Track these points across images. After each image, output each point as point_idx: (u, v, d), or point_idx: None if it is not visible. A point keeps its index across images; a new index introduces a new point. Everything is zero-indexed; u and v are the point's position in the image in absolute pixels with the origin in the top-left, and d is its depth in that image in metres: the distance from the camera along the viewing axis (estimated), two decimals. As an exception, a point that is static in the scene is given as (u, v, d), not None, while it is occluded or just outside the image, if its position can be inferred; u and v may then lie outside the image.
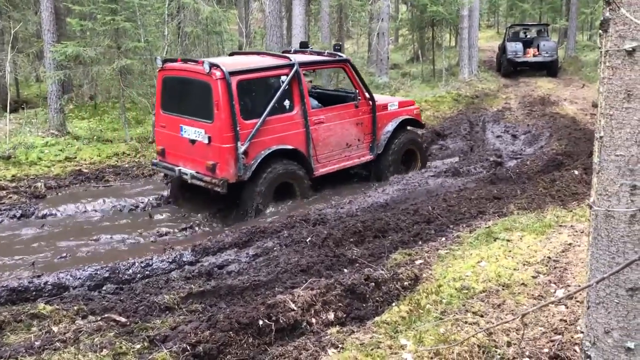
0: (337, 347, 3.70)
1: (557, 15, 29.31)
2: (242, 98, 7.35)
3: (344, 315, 4.25)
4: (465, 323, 3.90)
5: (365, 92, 8.80)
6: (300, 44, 9.68)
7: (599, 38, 2.25)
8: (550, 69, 20.29)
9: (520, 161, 9.74)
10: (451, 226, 6.31)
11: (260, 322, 3.91)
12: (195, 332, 3.86)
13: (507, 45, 20.40)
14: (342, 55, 8.87)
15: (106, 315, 4.42)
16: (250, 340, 3.82)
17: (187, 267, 5.76)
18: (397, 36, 29.61)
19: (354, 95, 8.76)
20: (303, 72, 8.11)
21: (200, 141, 7.50)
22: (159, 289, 5.10)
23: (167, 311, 4.60)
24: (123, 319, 4.36)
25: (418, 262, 5.12)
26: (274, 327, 3.92)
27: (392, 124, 9.14)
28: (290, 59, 8.02)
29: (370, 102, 8.85)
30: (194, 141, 7.59)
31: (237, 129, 7.25)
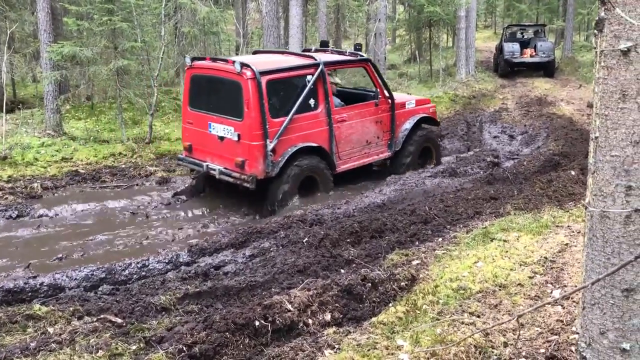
0: (333, 348, 3.70)
1: (554, 16, 29.33)
2: (271, 97, 7.59)
3: (341, 316, 4.25)
4: (462, 323, 3.90)
5: (385, 91, 9.05)
6: (320, 43, 9.97)
7: (594, 38, 2.25)
8: (547, 69, 20.31)
9: (517, 161, 9.75)
10: (448, 226, 6.31)
11: (257, 323, 3.90)
12: (191, 332, 3.85)
13: (504, 45, 20.41)
14: (364, 55, 9.20)
15: (102, 316, 4.41)
16: (246, 341, 3.81)
17: (183, 267, 5.75)
18: (394, 36, 29.65)
19: (374, 94, 9.03)
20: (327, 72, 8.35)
21: (229, 138, 7.72)
22: (155, 290, 5.09)
23: (164, 312, 4.59)
24: (119, 320, 4.35)
25: (415, 263, 5.12)
26: (270, 328, 3.91)
27: (409, 121, 9.43)
28: (315, 59, 8.24)
29: (390, 100, 9.09)
30: (222, 138, 7.82)
31: (266, 127, 7.49)
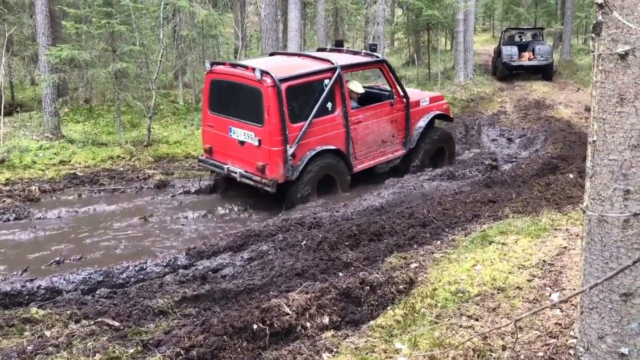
0: (331, 352, 3.69)
1: (552, 19, 29.38)
2: (290, 103, 7.75)
3: (339, 319, 4.24)
4: (460, 327, 3.89)
5: (400, 91, 9.18)
6: (335, 43, 10.10)
7: (592, 41, 2.25)
8: (545, 72, 20.33)
9: (515, 165, 9.75)
10: (446, 229, 6.31)
11: (255, 326, 3.89)
12: (189, 336, 3.84)
13: (502, 48, 20.43)
14: (379, 56, 9.34)
15: (99, 319, 4.39)
16: (244, 344, 3.80)
17: (181, 270, 5.74)
18: (392, 40, 29.65)
19: (390, 94, 9.16)
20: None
21: (249, 143, 7.92)
22: (153, 293, 5.07)
23: (161, 315, 4.58)
24: (116, 323, 4.34)
25: (413, 266, 5.11)
26: (268, 331, 3.90)
27: (424, 119, 9.57)
28: (332, 63, 8.33)
29: (405, 99, 9.22)
30: (243, 142, 8.03)
31: (286, 132, 7.68)
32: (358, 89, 9.08)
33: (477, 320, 4.01)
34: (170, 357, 3.61)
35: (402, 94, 9.19)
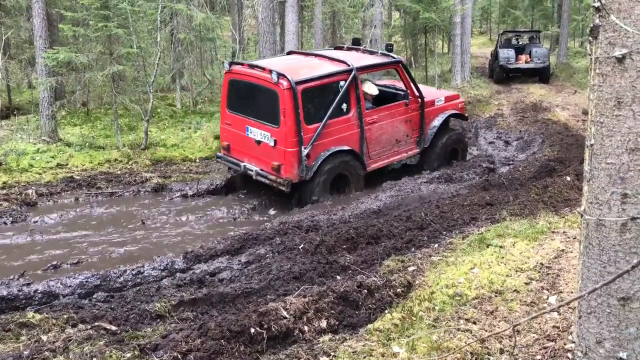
0: (329, 355, 3.68)
1: (549, 22, 29.42)
2: (305, 105, 7.90)
3: (337, 323, 4.23)
4: (458, 330, 3.89)
5: (415, 91, 9.28)
6: (352, 41, 10.23)
7: (589, 45, 2.25)
8: (542, 75, 20.35)
9: (512, 167, 9.75)
10: (444, 232, 6.30)
11: (252, 330, 3.88)
12: (186, 340, 3.82)
13: (499, 51, 20.45)
14: (395, 57, 9.42)
15: (96, 323, 4.38)
16: (241, 348, 3.78)
17: (178, 274, 5.73)
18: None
19: (405, 94, 9.25)
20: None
21: (265, 143, 8.12)
22: (150, 297, 5.06)
23: (158, 319, 4.56)
24: (113, 328, 4.33)
25: (411, 269, 5.10)
26: (265, 335, 3.89)
27: (438, 119, 9.69)
28: (348, 64, 8.43)
29: (420, 99, 9.33)
30: (259, 142, 8.23)
31: (301, 133, 7.85)
32: (372, 90, 9.18)
33: (474, 323, 4.00)
34: (168, 361, 3.60)
35: (417, 94, 9.29)
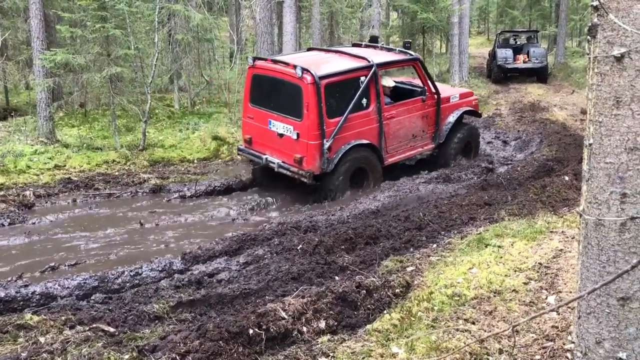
0: (328, 356, 3.67)
1: (547, 22, 29.45)
2: (328, 99, 8.15)
3: (335, 324, 4.22)
4: (457, 330, 3.88)
5: (432, 87, 9.55)
6: (370, 38, 10.54)
7: (587, 44, 2.24)
8: (540, 75, 20.37)
9: (511, 167, 9.76)
10: (442, 232, 6.30)
11: (251, 331, 3.87)
12: (184, 341, 3.81)
13: (497, 51, 20.46)
14: (413, 54, 9.62)
15: (94, 325, 4.37)
16: (240, 349, 3.77)
17: (176, 275, 5.71)
18: (388, 43, 29.66)
19: (422, 90, 9.50)
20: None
21: (288, 136, 8.37)
22: (149, 298, 5.05)
23: (157, 320, 4.55)
24: (112, 329, 4.32)
25: (409, 269, 5.10)
26: (264, 336, 3.88)
27: (453, 115, 9.95)
28: (369, 60, 8.67)
29: (436, 96, 9.59)
30: (282, 135, 8.47)
31: (324, 127, 8.10)
32: (389, 83, 9.40)
33: (473, 323, 4.00)
34: (166, 363, 3.58)
35: (433, 90, 9.54)
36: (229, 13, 23.64)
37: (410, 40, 11.23)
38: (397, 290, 4.63)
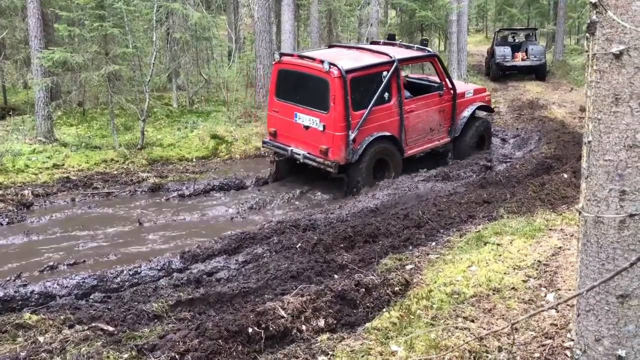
0: (327, 354, 3.67)
1: (545, 20, 29.44)
2: (353, 92, 8.45)
3: (335, 322, 4.22)
4: (456, 328, 3.88)
5: (449, 83, 9.93)
6: (388, 37, 10.93)
7: (586, 41, 2.24)
8: (538, 72, 20.36)
9: (509, 165, 9.76)
10: (441, 230, 6.30)
11: (250, 330, 3.87)
12: (183, 340, 3.81)
13: (495, 49, 20.44)
14: (431, 51, 10.22)
15: (93, 324, 4.36)
16: (239, 348, 3.77)
17: (175, 274, 5.71)
18: (386, 41, 29.60)
19: (439, 85, 9.87)
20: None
21: (314, 128, 8.68)
22: (148, 297, 5.05)
23: (156, 319, 4.55)
24: (111, 328, 4.31)
25: (408, 267, 5.10)
26: (263, 335, 3.87)
27: (468, 110, 10.36)
28: (390, 56, 9.02)
29: (452, 91, 9.98)
30: (307, 127, 8.77)
31: (349, 119, 8.41)
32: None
33: (472, 321, 4.00)
34: (165, 361, 3.58)
35: (450, 86, 9.90)
36: (227, 11, 23.60)
37: (427, 38, 11.60)
38: (396, 289, 4.63)
